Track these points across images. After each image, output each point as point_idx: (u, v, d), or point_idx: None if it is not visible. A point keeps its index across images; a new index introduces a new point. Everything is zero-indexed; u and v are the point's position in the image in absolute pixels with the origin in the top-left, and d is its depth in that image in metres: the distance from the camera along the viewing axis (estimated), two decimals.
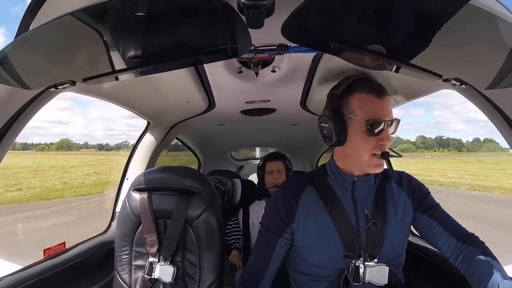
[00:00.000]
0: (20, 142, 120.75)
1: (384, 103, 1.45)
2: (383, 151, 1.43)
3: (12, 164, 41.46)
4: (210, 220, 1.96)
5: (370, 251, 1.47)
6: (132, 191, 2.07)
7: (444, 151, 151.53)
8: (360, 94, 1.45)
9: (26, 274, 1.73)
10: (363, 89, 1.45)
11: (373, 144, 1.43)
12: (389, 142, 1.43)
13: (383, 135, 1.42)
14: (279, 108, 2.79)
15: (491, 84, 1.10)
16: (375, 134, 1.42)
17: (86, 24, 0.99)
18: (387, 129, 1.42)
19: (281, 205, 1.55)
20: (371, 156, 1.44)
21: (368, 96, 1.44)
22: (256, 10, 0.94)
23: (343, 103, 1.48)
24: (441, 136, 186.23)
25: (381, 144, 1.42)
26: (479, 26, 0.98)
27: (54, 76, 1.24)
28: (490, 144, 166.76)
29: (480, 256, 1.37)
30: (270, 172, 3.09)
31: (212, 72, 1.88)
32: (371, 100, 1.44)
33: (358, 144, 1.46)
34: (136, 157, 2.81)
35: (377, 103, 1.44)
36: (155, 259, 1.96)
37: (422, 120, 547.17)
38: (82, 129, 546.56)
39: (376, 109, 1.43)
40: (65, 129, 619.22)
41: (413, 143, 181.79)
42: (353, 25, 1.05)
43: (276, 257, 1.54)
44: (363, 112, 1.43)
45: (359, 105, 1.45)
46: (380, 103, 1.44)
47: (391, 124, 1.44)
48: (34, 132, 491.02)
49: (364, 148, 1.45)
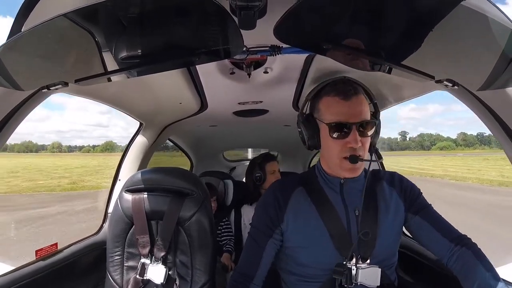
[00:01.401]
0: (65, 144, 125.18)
1: (351, 104, 1.42)
2: (352, 154, 1.42)
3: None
4: (202, 221, 1.96)
5: (362, 252, 1.47)
6: (125, 192, 2.06)
7: (485, 149, 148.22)
8: (327, 97, 1.46)
9: (18, 275, 1.72)
10: (330, 92, 1.46)
11: (340, 147, 1.43)
12: (355, 145, 1.40)
13: (350, 137, 1.40)
14: (271, 109, 2.79)
15: (483, 85, 1.10)
16: (342, 137, 1.41)
17: (79, 25, 0.99)
18: (355, 131, 1.40)
19: (271, 206, 1.55)
20: (342, 159, 1.44)
21: (333, 99, 1.44)
22: (249, 11, 0.95)
23: (314, 107, 1.51)
24: (482, 133, 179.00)
25: (349, 147, 1.41)
26: (471, 27, 0.99)
27: (46, 77, 1.24)
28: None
29: (472, 258, 1.38)
30: (272, 172, 3.07)
31: (205, 73, 1.88)
32: (336, 103, 1.43)
33: (327, 148, 1.48)
34: (129, 158, 2.79)
35: (342, 105, 1.42)
36: (147, 260, 1.95)
37: (464, 116, 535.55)
38: (122, 132, 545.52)
39: (341, 111, 1.42)
40: (106, 132, 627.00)
41: (454, 140, 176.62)
42: (345, 26, 1.06)
43: (266, 258, 1.53)
44: (328, 115, 1.44)
45: (325, 108, 1.46)
46: (346, 105, 1.42)
47: (363, 126, 1.42)
48: (78, 135, 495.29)
49: (333, 151, 1.45)
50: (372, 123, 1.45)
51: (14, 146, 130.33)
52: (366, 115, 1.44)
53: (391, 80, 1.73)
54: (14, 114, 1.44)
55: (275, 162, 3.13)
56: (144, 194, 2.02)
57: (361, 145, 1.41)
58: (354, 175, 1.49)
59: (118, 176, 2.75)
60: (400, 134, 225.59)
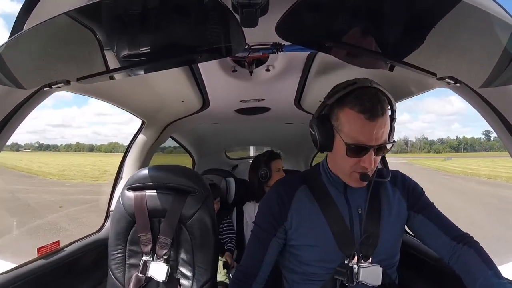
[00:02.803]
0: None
1: (375, 126, 1.33)
2: (363, 173, 1.39)
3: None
4: (204, 219, 1.96)
5: (364, 251, 1.47)
6: (127, 190, 2.06)
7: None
8: (351, 110, 1.35)
9: (21, 272, 1.72)
10: (355, 106, 1.33)
11: (354, 163, 1.39)
12: (369, 166, 1.37)
13: (366, 158, 1.36)
14: (273, 107, 2.80)
15: (485, 82, 1.10)
16: (357, 156, 1.37)
17: (80, 24, 0.99)
18: (372, 153, 1.36)
19: (274, 204, 1.55)
20: (352, 172, 1.42)
21: (358, 116, 1.33)
22: (250, 9, 0.95)
23: (333, 113, 1.42)
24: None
25: (362, 165, 1.38)
26: (473, 25, 0.98)
27: (48, 75, 1.24)
28: None
29: (474, 256, 1.38)
30: (278, 170, 3.06)
31: (206, 71, 1.88)
32: (360, 121, 1.33)
33: (340, 159, 1.43)
34: (131, 156, 2.80)
35: (365, 126, 1.33)
36: (149, 257, 1.96)
37: None
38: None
39: (363, 132, 1.34)
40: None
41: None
42: (346, 24, 1.06)
43: (269, 256, 1.53)
44: (348, 131, 1.36)
45: (347, 122, 1.37)
46: (369, 126, 1.33)
47: (380, 149, 1.39)
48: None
49: (345, 165, 1.42)
50: (388, 147, 1.41)
51: (101, 147, 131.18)
52: (386, 136, 1.39)
53: (392, 77, 1.73)
54: (16, 113, 1.44)
55: (280, 160, 3.12)
56: (146, 192, 2.03)
57: (373, 165, 1.39)
58: (360, 186, 1.46)
59: (120, 174, 2.75)
60: (484, 134, 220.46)
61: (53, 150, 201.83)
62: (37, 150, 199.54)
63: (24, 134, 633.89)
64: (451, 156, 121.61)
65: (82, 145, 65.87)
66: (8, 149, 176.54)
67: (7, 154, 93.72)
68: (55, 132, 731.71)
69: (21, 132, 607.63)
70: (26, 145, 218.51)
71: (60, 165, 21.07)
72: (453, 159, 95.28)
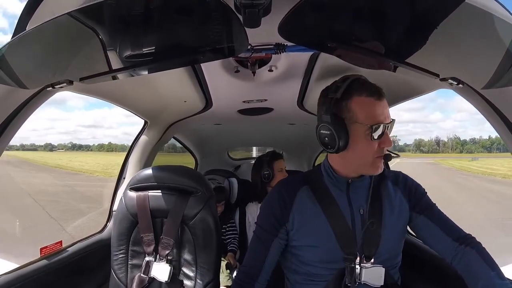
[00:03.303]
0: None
1: (384, 105, 1.41)
2: (386, 153, 1.43)
3: None
4: (207, 219, 1.96)
5: (366, 251, 1.46)
6: (129, 190, 2.06)
7: None
8: (360, 97, 1.39)
9: (23, 272, 1.73)
10: (362, 92, 1.39)
11: (375, 148, 1.40)
12: (391, 145, 1.41)
13: (385, 138, 1.40)
14: (276, 108, 2.79)
15: (488, 83, 1.10)
16: (378, 138, 1.39)
17: (83, 24, 0.99)
18: (387, 132, 1.40)
19: (276, 205, 1.54)
20: (375, 159, 1.42)
21: (369, 100, 1.39)
22: (253, 9, 0.95)
23: (342, 107, 1.42)
24: None
25: (383, 147, 1.41)
26: (476, 25, 0.98)
27: (51, 75, 1.24)
28: None
29: (477, 257, 1.37)
30: (280, 170, 3.05)
31: (209, 72, 1.88)
32: (372, 104, 1.39)
33: (363, 149, 1.42)
34: (133, 157, 2.80)
35: (378, 106, 1.39)
36: (152, 258, 1.95)
37: None
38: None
39: (377, 112, 1.39)
40: None
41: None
42: (350, 24, 1.06)
43: (271, 257, 1.53)
44: (365, 117, 1.38)
45: (361, 109, 1.39)
46: (381, 106, 1.40)
47: (390, 126, 1.42)
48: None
49: (369, 152, 1.41)
50: (393, 123, 1.44)
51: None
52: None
53: (394, 78, 1.72)
54: (19, 113, 1.44)
55: (283, 160, 3.12)
56: (148, 192, 2.02)
57: None
58: (381, 171, 1.48)
59: (123, 174, 2.75)
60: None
61: (85, 150, 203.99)
62: (70, 150, 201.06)
63: (56, 135, 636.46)
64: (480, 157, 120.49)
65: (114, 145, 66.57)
66: (42, 149, 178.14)
67: (44, 154, 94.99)
68: (86, 133, 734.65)
69: (52, 132, 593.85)
70: (59, 145, 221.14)
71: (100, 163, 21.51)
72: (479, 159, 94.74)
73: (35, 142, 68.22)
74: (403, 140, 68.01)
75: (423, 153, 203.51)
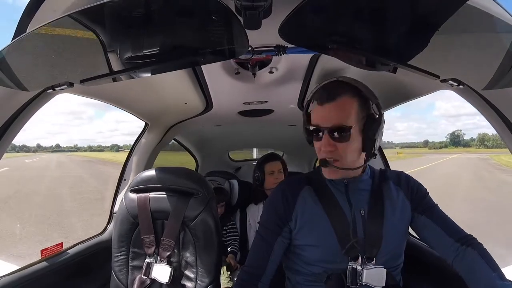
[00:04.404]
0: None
1: (325, 110, 1.42)
2: (322, 158, 1.45)
3: None
4: (208, 221, 1.96)
5: (367, 252, 1.46)
6: (130, 192, 2.06)
7: None
8: (311, 103, 1.49)
9: (24, 274, 1.73)
10: (313, 97, 1.48)
11: (318, 150, 1.48)
12: (325, 148, 1.42)
13: (321, 142, 1.43)
14: (276, 109, 2.80)
15: (488, 84, 1.10)
16: (318, 141, 1.45)
17: (84, 26, 0.99)
18: (326, 135, 1.41)
19: (279, 204, 1.55)
20: (320, 161, 1.47)
21: (313, 104, 1.47)
22: (254, 11, 0.95)
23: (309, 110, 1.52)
24: None
25: (322, 150, 1.44)
26: (476, 27, 0.98)
27: (51, 77, 1.24)
28: None
29: (478, 258, 1.37)
30: (271, 172, 3.04)
31: (210, 73, 1.88)
32: (315, 108, 1.46)
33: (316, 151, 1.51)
34: (134, 158, 2.80)
35: (318, 110, 1.45)
36: (153, 259, 1.95)
37: None
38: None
39: (316, 116, 1.45)
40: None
41: None
42: (350, 26, 1.06)
43: (275, 256, 1.53)
44: (310, 120, 1.48)
45: (311, 113, 1.49)
46: (321, 110, 1.43)
47: (335, 130, 1.40)
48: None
49: (318, 154, 1.49)
50: (346, 129, 1.40)
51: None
52: (342, 120, 1.40)
53: (396, 79, 1.72)
54: (19, 115, 1.44)
55: (276, 162, 3.11)
56: (149, 194, 2.02)
57: (336, 149, 1.42)
58: (332, 178, 1.52)
59: (124, 176, 2.75)
60: None
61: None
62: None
63: (120, 136, 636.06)
64: None
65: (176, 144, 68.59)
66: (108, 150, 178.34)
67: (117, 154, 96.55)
68: None
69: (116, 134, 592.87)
70: (124, 146, 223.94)
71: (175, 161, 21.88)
72: None
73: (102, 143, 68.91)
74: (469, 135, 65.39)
75: (488, 148, 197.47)
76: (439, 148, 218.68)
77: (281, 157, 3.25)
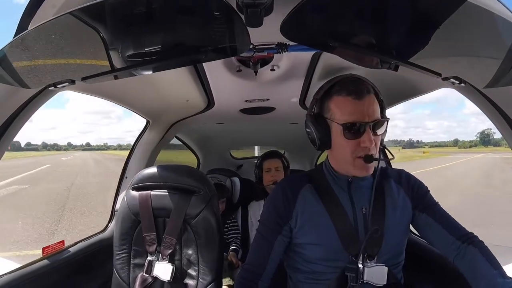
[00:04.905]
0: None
1: (364, 103, 1.39)
2: (366, 154, 1.41)
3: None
4: (209, 218, 1.96)
5: (369, 250, 1.46)
6: (131, 189, 2.06)
7: None
8: (338, 97, 1.43)
9: (26, 271, 1.73)
10: (341, 91, 1.42)
11: (354, 147, 1.41)
12: (370, 144, 1.39)
13: (364, 137, 1.39)
14: (278, 107, 2.80)
15: (490, 82, 1.10)
16: (355, 137, 1.40)
17: (85, 23, 0.99)
18: (369, 131, 1.39)
19: (280, 202, 1.54)
20: (355, 158, 1.42)
21: (346, 98, 1.40)
22: (255, 9, 0.95)
23: (323, 107, 1.47)
24: None
25: (363, 147, 1.39)
26: (478, 25, 0.98)
27: (53, 75, 1.24)
28: None
29: (479, 255, 1.37)
30: (268, 170, 3.06)
31: (211, 71, 1.88)
32: (349, 102, 1.40)
33: (340, 148, 1.45)
34: (135, 156, 2.80)
35: (355, 105, 1.39)
36: (154, 257, 1.96)
37: None
38: None
39: (354, 111, 1.39)
40: None
41: None
42: (352, 23, 1.06)
43: (275, 254, 1.53)
44: (340, 115, 1.41)
45: (337, 108, 1.43)
46: (359, 104, 1.39)
47: (376, 125, 1.41)
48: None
49: (346, 151, 1.43)
50: (383, 122, 1.43)
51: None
52: (378, 114, 1.42)
53: (397, 77, 1.72)
54: (20, 112, 1.45)
55: (274, 160, 3.12)
56: (151, 192, 2.02)
57: (374, 144, 1.40)
58: (366, 174, 1.47)
59: (125, 173, 2.75)
60: None
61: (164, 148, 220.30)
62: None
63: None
64: None
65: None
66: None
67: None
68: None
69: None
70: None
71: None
72: None
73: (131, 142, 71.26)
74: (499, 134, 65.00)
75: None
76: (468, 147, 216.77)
77: (281, 155, 3.24)
